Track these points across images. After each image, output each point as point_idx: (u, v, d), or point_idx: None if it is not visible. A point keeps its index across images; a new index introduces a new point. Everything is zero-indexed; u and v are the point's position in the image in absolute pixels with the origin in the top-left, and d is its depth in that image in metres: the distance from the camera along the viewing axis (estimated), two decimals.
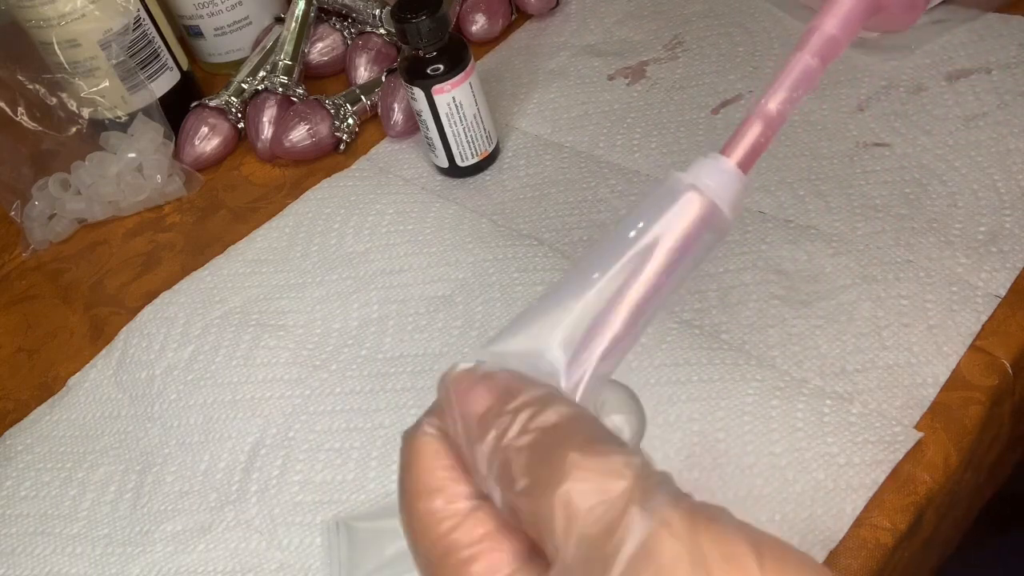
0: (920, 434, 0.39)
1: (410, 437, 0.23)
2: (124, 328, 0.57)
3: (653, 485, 0.19)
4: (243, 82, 0.71)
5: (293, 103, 0.68)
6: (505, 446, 0.21)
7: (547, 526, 0.20)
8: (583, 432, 0.21)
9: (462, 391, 0.22)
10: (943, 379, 0.42)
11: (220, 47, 0.78)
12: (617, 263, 0.23)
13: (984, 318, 0.43)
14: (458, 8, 0.72)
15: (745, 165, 0.25)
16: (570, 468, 0.20)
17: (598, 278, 0.23)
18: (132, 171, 0.67)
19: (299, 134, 0.66)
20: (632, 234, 0.24)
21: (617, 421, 0.24)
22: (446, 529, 0.21)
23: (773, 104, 0.25)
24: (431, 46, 0.55)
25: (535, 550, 0.21)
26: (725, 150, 0.25)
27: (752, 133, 0.25)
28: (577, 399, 0.23)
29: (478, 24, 0.72)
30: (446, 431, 0.23)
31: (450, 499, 0.22)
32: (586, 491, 0.19)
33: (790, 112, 0.25)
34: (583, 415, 0.21)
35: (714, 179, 0.24)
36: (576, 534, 0.19)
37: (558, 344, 0.23)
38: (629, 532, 0.19)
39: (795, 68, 0.25)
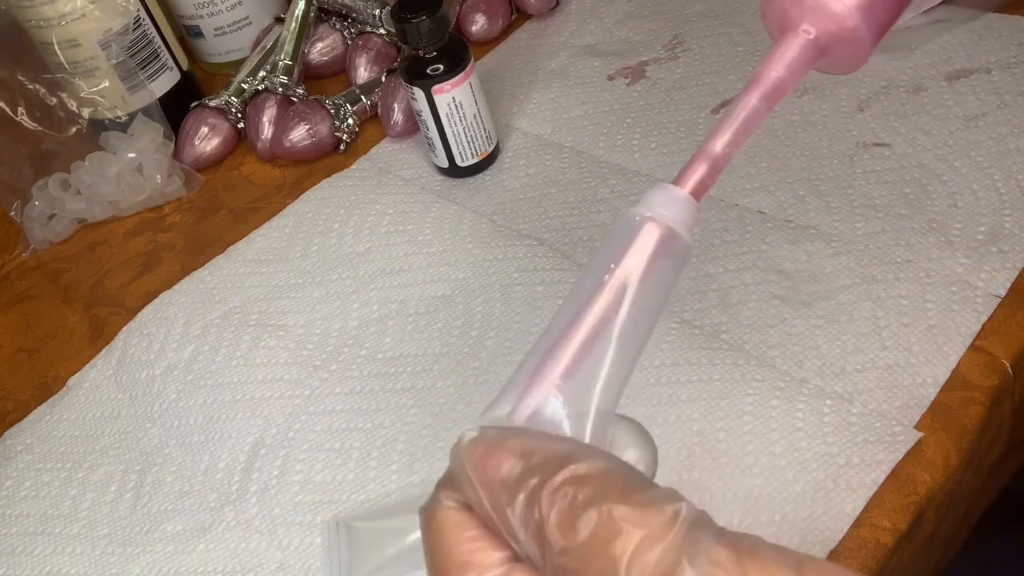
0: (920, 434, 0.39)
1: (429, 512, 0.23)
2: (124, 328, 0.57)
3: (697, 527, 0.20)
4: (243, 82, 0.71)
5: (293, 103, 0.68)
6: (538, 506, 0.21)
7: None
8: (616, 482, 0.20)
9: (478, 459, 0.22)
10: (943, 379, 0.42)
11: (220, 47, 0.78)
12: (589, 304, 0.24)
13: (984, 318, 0.43)
14: (458, 8, 0.72)
15: (695, 196, 0.26)
16: (620, 522, 0.20)
17: (570, 323, 0.24)
18: (132, 171, 0.67)
19: (299, 134, 0.66)
20: (597, 272, 0.24)
21: (631, 456, 0.24)
22: None
23: (719, 145, 0.26)
24: (431, 46, 0.55)
25: None
26: (676, 182, 0.26)
27: (700, 171, 0.26)
28: (587, 432, 0.23)
29: (478, 24, 0.72)
30: (466, 502, 0.22)
31: (481, 569, 0.22)
32: (642, 544, 0.19)
33: (735, 152, 0.26)
34: (609, 463, 0.21)
35: (668, 208, 0.25)
36: None
37: (551, 395, 0.23)
38: None
39: (741, 112, 0.26)
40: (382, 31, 0.73)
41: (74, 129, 0.68)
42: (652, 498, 0.20)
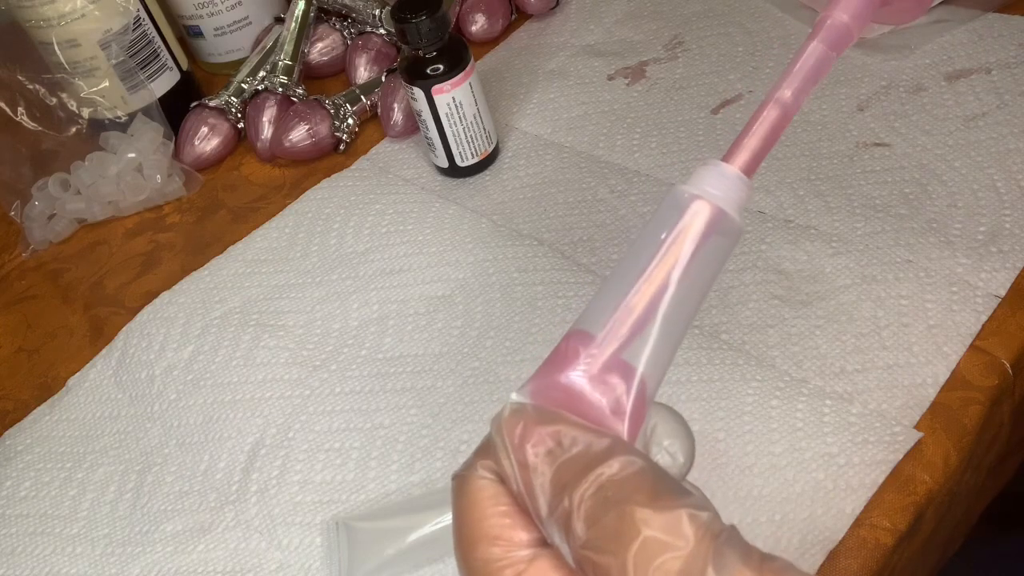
0: (920, 434, 0.39)
1: (463, 480, 0.23)
2: (124, 328, 0.57)
3: (723, 542, 0.19)
4: (243, 82, 0.71)
5: (293, 103, 0.68)
6: (566, 496, 0.21)
7: None
8: (647, 483, 0.20)
9: (518, 435, 0.22)
10: (943, 379, 0.42)
11: (220, 47, 0.78)
12: (634, 281, 0.23)
13: (984, 318, 0.43)
14: (458, 8, 0.72)
15: (758, 158, 0.25)
16: (640, 525, 0.19)
17: (619, 300, 0.23)
18: (132, 171, 0.67)
19: (299, 134, 0.66)
20: (642, 255, 0.24)
21: (669, 447, 0.24)
22: None
23: (789, 91, 0.25)
24: (431, 46, 0.55)
25: None
26: (731, 151, 0.25)
27: (766, 123, 0.25)
28: (625, 424, 0.23)
29: (478, 24, 0.72)
30: (501, 474, 0.22)
31: (511, 546, 0.22)
32: (659, 550, 0.19)
33: (804, 100, 0.25)
34: (643, 463, 0.21)
35: (718, 186, 0.24)
36: None
37: (597, 375, 0.23)
38: None
39: (810, 56, 0.25)
40: (382, 31, 0.73)
41: (74, 129, 0.68)
42: (680, 505, 0.20)
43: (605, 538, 0.20)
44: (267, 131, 0.68)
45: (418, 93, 0.56)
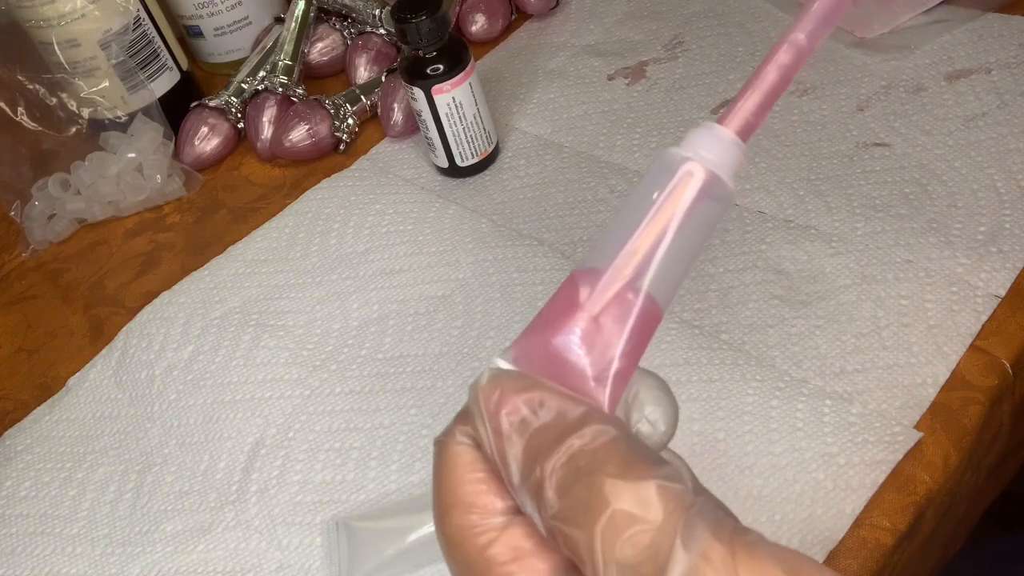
0: (920, 434, 0.39)
1: (442, 445, 0.23)
2: (124, 328, 0.57)
3: (694, 514, 0.19)
4: (243, 82, 0.71)
5: (293, 103, 0.68)
6: (537, 466, 0.21)
7: (587, 554, 0.19)
8: (619, 454, 0.20)
9: (494, 403, 0.22)
10: (943, 379, 0.42)
11: (220, 47, 0.78)
12: (621, 245, 0.23)
13: (984, 318, 0.43)
14: (458, 8, 0.72)
15: (742, 137, 0.24)
16: (610, 497, 0.19)
17: (603, 266, 0.23)
18: (132, 171, 0.67)
19: (299, 134, 0.66)
20: (631, 219, 0.23)
21: (650, 415, 0.24)
22: (483, 544, 0.21)
23: (803, 33, 0.24)
24: (431, 46, 0.55)
25: (571, 566, 0.21)
26: (722, 120, 0.24)
27: (779, 61, 0.24)
28: (607, 391, 0.22)
29: (478, 24, 0.72)
30: (479, 440, 0.22)
31: (485, 513, 0.22)
32: (627, 523, 0.19)
33: (817, 45, 0.24)
34: (616, 432, 0.21)
35: (712, 150, 0.23)
36: (616, 566, 0.19)
37: (579, 337, 0.22)
38: (670, 566, 0.18)
39: (823, 3, 0.24)
40: (382, 31, 0.73)
41: (74, 129, 0.68)
42: (651, 476, 0.20)
43: (574, 510, 0.20)
44: (267, 131, 0.68)
45: (418, 93, 0.56)
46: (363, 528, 0.41)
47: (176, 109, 0.71)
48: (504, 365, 0.23)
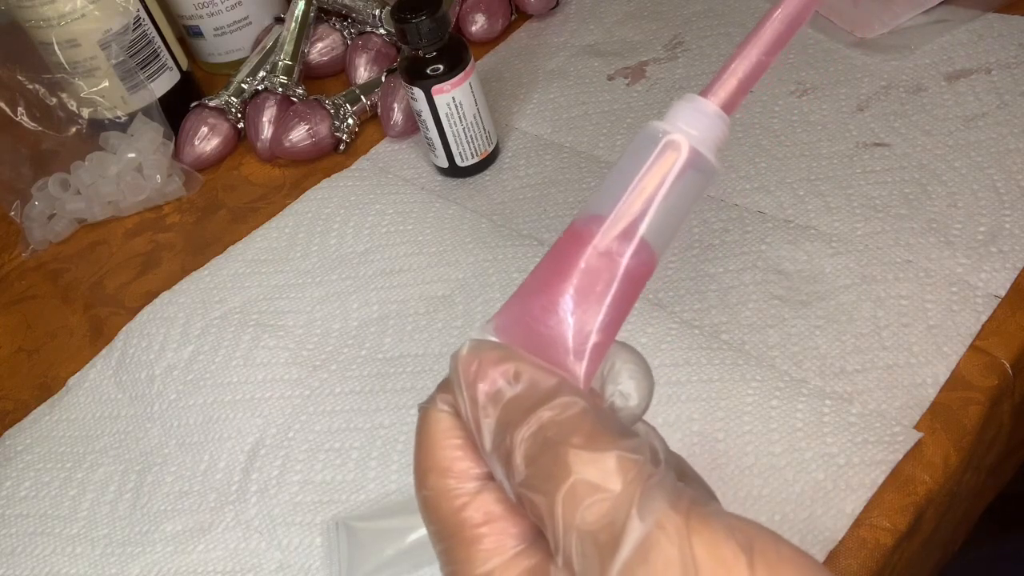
0: (920, 434, 0.39)
1: (424, 411, 0.24)
2: (124, 328, 0.57)
3: (653, 485, 0.20)
4: (243, 82, 0.71)
5: (293, 103, 0.68)
6: (508, 435, 0.21)
7: (549, 520, 0.20)
8: (586, 425, 0.21)
9: (471, 374, 0.22)
10: (943, 379, 0.42)
11: (220, 47, 0.78)
12: (603, 220, 0.23)
13: (984, 318, 0.43)
14: (458, 8, 0.72)
15: (726, 110, 0.24)
16: (572, 467, 0.20)
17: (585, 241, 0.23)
18: (132, 171, 0.67)
19: (299, 134, 0.66)
20: (613, 193, 0.23)
21: (623, 388, 0.24)
22: (457, 507, 0.22)
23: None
24: (431, 46, 0.55)
25: (539, 531, 0.22)
26: (705, 93, 0.24)
27: (732, 80, 0.24)
28: (583, 363, 0.23)
29: (478, 24, 0.72)
30: (458, 408, 0.23)
31: (460, 478, 0.22)
32: (587, 492, 0.20)
33: (777, 55, 0.24)
34: (584, 404, 0.21)
35: (695, 124, 0.23)
36: (576, 533, 0.20)
37: (558, 311, 0.23)
38: (626, 534, 0.19)
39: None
40: (382, 31, 0.73)
41: (74, 129, 0.68)
42: (613, 447, 0.20)
43: (539, 477, 0.21)
44: (267, 131, 0.68)
45: (418, 93, 0.56)
46: (363, 528, 0.41)
47: (176, 109, 0.71)
48: (486, 335, 0.24)
